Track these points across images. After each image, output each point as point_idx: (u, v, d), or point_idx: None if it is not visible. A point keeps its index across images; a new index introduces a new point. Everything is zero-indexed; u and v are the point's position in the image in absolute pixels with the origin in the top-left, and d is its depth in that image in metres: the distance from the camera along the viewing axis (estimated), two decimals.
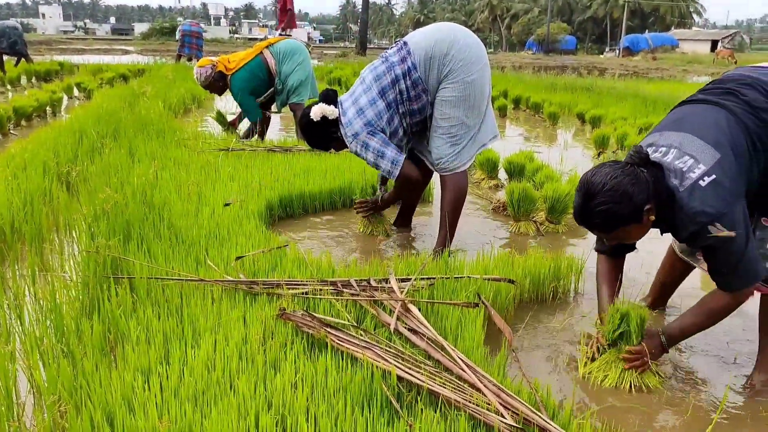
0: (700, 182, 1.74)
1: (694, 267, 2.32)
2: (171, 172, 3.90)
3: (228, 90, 5.47)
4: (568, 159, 5.58)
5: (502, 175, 4.80)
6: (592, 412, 1.85)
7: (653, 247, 2.70)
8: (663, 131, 1.94)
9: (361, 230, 3.44)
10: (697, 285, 2.84)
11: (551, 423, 1.49)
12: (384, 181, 3.45)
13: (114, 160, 3.98)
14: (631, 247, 2.15)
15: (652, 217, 1.82)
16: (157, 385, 1.64)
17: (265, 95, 5.47)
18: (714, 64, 28.44)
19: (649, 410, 1.90)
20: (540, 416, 1.53)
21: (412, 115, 2.98)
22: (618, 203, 1.75)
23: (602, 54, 42.20)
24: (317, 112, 2.90)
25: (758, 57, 36.05)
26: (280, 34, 10.61)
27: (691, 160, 1.78)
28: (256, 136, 5.59)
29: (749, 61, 26.03)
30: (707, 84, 2.07)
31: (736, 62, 27.77)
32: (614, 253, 2.18)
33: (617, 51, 39.75)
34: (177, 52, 13.66)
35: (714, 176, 1.73)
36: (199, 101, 8.77)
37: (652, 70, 21.76)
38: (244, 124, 5.95)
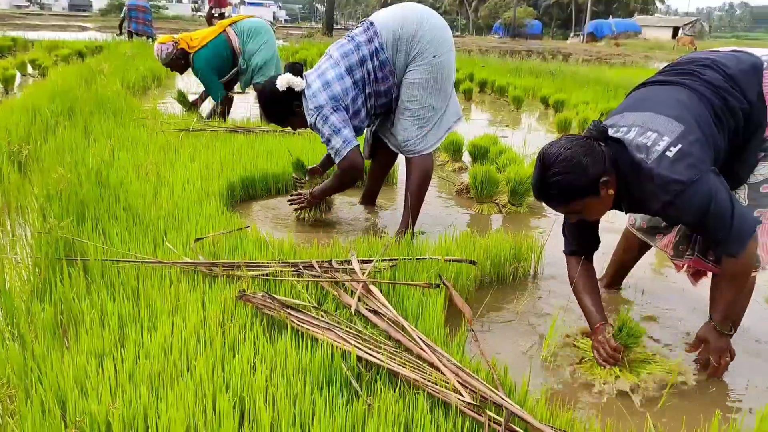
0: (667, 153, 1.74)
1: (650, 247, 2.38)
2: (129, 152, 3.80)
3: (190, 68, 5.33)
4: (532, 142, 5.64)
5: (467, 158, 4.83)
6: (547, 390, 1.89)
7: (609, 230, 2.76)
8: (623, 113, 1.94)
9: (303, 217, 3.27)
10: (652, 261, 2.92)
11: (507, 400, 1.51)
12: (324, 166, 3.39)
13: (69, 140, 3.85)
14: (597, 244, 2.15)
15: (611, 191, 1.81)
16: (111, 368, 1.61)
17: (229, 74, 5.36)
18: (675, 50, 29.02)
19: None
20: (497, 394, 1.55)
21: (377, 97, 2.95)
22: (571, 173, 1.74)
23: (567, 39, 42.63)
24: (283, 81, 2.85)
25: (717, 44, 36.94)
26: (213, 15, 10.38)
27: (654, 134, 1.78)
28: (218, 116, 5.49)
29: (709, 48, 26.63)
30: (665, 66, 2.09)
31: (696, 49, 28.32)
32: (584, 251, 2.13)
33: (582, 36, 40.21)
34: (126, 29, 13.19)
35: (680, 146, 1.74)
36: (160, 80, 8.54)
37: (615, 55, 22.10)
38: (207, 104, 5.83)
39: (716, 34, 72.12)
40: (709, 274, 2.10)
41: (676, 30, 45.03)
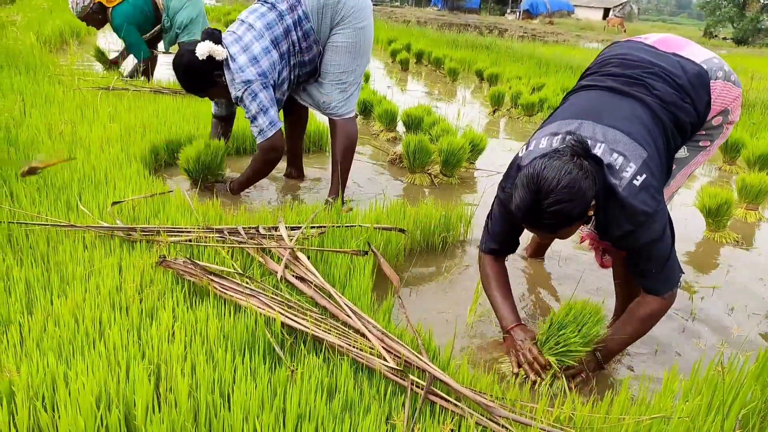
0: (634, 181, 1.67)
1: None
2: (41, 110, 3.55)
3: (108, 24, 5.00)
4: (466, 114, 5.69)
5: (401, 128, 4.82)
6: (470, 354, 1.93)
7: None
8: (581, 120, 1.79)
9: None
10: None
11: (430, 364, 1.53)
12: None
13: None
14: (517, 246, 2.09)
15: (591, 212, 1.69)
16: (17, 336, 1.51)
17: (151, 32, 5.07)
18: (605, 31, 29.90)
19: None
20: (420, 358, 1.56)
21: (301, 66, 2.88)
22: (573, 201, 1.59)
23: (504, 15, 43.11)
24: (204, 49, 2.67)
25: (645, 27, 38.42)
26: None
27: (621, 158, 1.70)
28: (141, 76, 5.20)
29: (638, 30, 27.64)
30: (604, 58, 2.02)
31: (625, 31, 29.41)
32: (504, 252, 2.09)
33: (518, 13, 40.77)
34: None
35: (645, 176, 1.68)
36: (79, 35, 8.02)
37: (549, 33, 22.54)
38: (129, 63, 5.51)
39: (644, 17, 74.89)
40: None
41: (606, 11, 46.40)
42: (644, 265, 1.79)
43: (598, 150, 1.71)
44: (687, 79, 1.85)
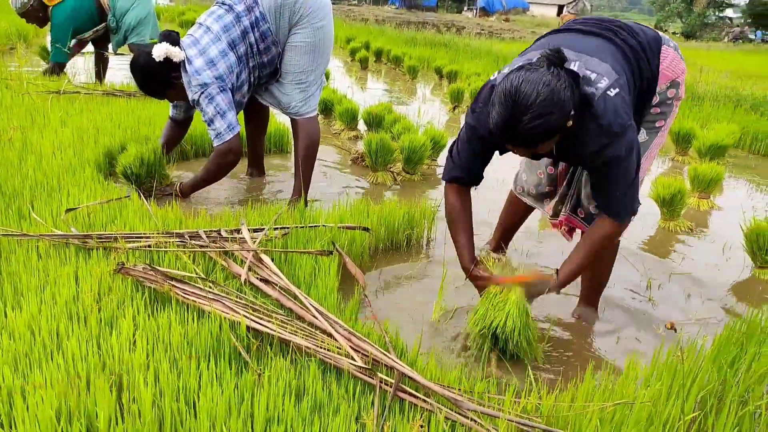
0: (608, 92, 1.66)
1: (532, 211, 2.48)
2: None
3: (50, 24, 4.83)
4: (426, 112, 5.72)
5: (362, 126, 4.81)
6: (437, 350, 1.95)
7: (493, 195, 2.86)
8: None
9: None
10: (534, 226, 3.07)
11: (398, 361, 1.53)
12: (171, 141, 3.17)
13: None
14: (481, 179, 2.04)
15: (570, 123, 1.63)
16: None
17: (90, 32, 4.90)
18: (559, 26, 30.49)
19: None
20: (388, 356, 1.56)
21: (261, 68, 2.84)
22: (553, 114, 1.55)
23: (461, 13, 43.51)
24: (161, 51, 2.62)
25: None
26: None
27: (594, 74, 1.70)
28: (52, 75, 5.00)
29: None
30: (569, 23, 2.04)
31: None
32: (468, 182, 2.04)
33: (474, 11, 41.19)
34: None
35: (618, 89, 1.69)
36: (27, 38, 7.75)
37: (505, 30, 22.83)
38: (79, 63, 5.33)
39: (597, 13, 76.76)
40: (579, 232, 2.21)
41: (560, 8, 47.32)
42: (609, 187, 1.79)
43: (573, 66, 1.70)
44: (646, 40, 1.90)
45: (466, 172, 1.99)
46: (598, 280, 2.23)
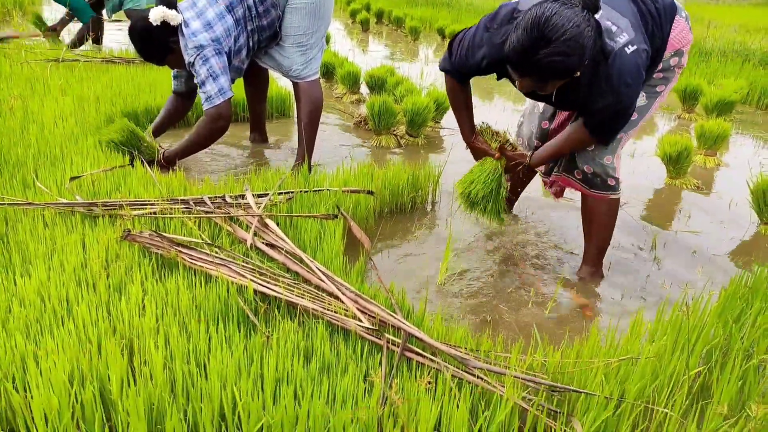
0: (626, 48, 1.65)
1: (535, 174, 2.47)
2: None
3: None
4: (429, 74, 5.64)
5: (364, 89, 4.76)
6: (443, 310, 1.96)
7: None
8: None
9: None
10: (538, 188, 3.06)
11: (405, 322, 1.54)
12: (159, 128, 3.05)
13: None
14: (468, 80, 2.08)
15: (578, 73, 1.64)
16: None
17: None
18: None
19: (494, 303, 2.05)
20: (394, 317, 1.58)
21: (261, 31, 2.79)
22: (574, 56, 1.53)
23: None
24: (158, 15, 2.58)
25: None
26: None
27: (615, 27, 1.68)
28: (89, 44, 4.97)
29: None
30: None
31: None
32: (461, 79, 2.06)
33: None
34: None
35: (636, 47, 1.67)
36: (23, 6, 7.63)
37: None
38: (69, 31, 5.26)
39: None
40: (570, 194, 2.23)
41: None
42: (598, 112, 1.82)
43: (597, 15, 1.67)
44: (663, 6, 1.87)
45: (458, 74, 2.04)
46: (601, 241, 2.23)
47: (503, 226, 2.60)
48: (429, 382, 1.39)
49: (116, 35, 5.91)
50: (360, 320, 1.57)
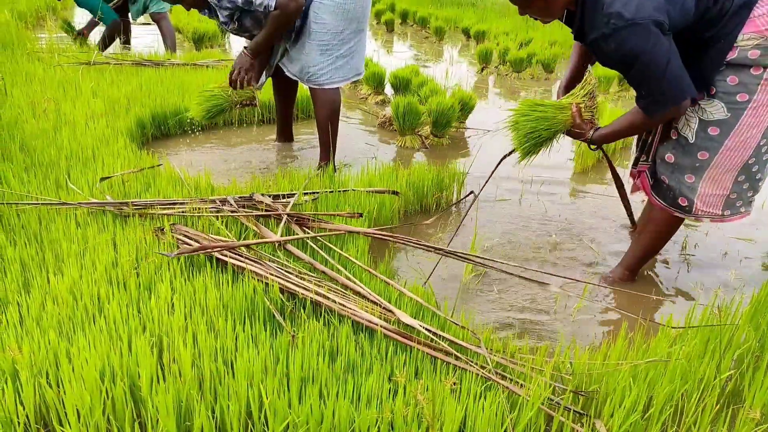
0: None
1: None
2: (23, 89, 3.48)
3: None
4: (454, 74, 5.63)
5: (389, 90, 4.76)
6: (469, 311, 1.95)
7: None
8: None
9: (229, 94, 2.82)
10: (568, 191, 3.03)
11: (428, 326, 1.54)
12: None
13: None
14: None
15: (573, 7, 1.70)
16: (15, 315, 1.51)
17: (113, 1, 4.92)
18: None
19: (520, 304, 2.03)
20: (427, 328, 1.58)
21: None
22: None
23: None
24: None
25: None
26: None
27: None
28: (117, 45, 5.05)
29: None
30: None
31: None
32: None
33: None
34: None
35: None
36: (55, 10, 7.82)
37: None
38: (96, 34, 5.37)
39: None
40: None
41: None
42: (636, 85, 1.77)
43: None
44: None
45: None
46: (645, 251, 2.13)
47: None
48: (454, 383, 1.39)
49: (145, 39, 6.02)
50: (386, 320, 1.58)
